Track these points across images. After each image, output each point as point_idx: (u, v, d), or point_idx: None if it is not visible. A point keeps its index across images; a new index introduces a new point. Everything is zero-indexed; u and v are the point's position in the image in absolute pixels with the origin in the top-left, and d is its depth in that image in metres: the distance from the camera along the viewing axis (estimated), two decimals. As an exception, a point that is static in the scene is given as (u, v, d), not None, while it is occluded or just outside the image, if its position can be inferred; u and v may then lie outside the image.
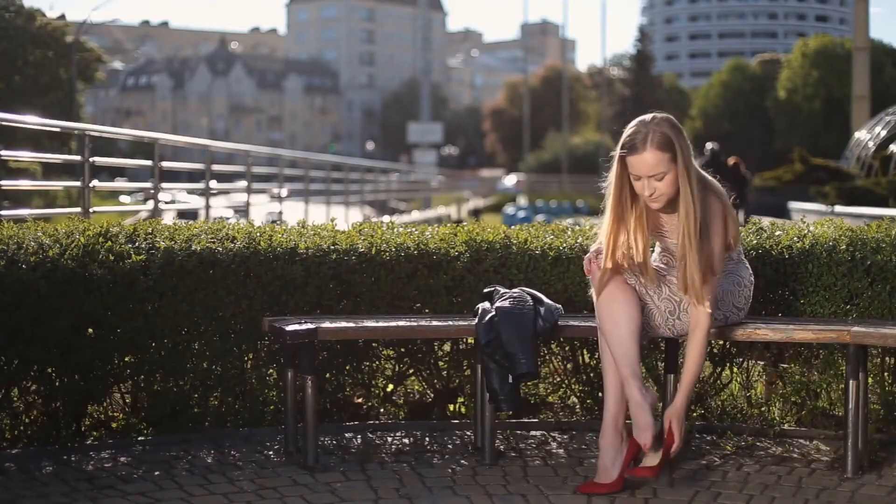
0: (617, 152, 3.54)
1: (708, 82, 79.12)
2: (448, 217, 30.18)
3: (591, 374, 4.42)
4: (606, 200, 3.60)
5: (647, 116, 3.53)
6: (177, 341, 4.12)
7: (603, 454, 3.53)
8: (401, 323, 3.94)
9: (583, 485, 3.54)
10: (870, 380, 4.10)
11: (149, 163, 8.08)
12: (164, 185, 8.58)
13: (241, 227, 4.40)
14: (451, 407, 4.52)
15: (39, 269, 3.81)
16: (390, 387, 4.53)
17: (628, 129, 3.52)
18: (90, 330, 3.98)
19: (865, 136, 22.91)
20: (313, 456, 3.76)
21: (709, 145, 17.17)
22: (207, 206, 9.82)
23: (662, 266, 3.68)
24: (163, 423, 4.15)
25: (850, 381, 3.63)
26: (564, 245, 4.36)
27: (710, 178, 3.58)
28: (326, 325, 3.80)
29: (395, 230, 4.47)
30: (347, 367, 4.37)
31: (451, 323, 3.94)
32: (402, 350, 4.43)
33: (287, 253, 4.20)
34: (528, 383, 4.44)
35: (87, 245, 3.98)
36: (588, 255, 3.67)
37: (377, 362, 4.44)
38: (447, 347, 4.48)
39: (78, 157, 6.91)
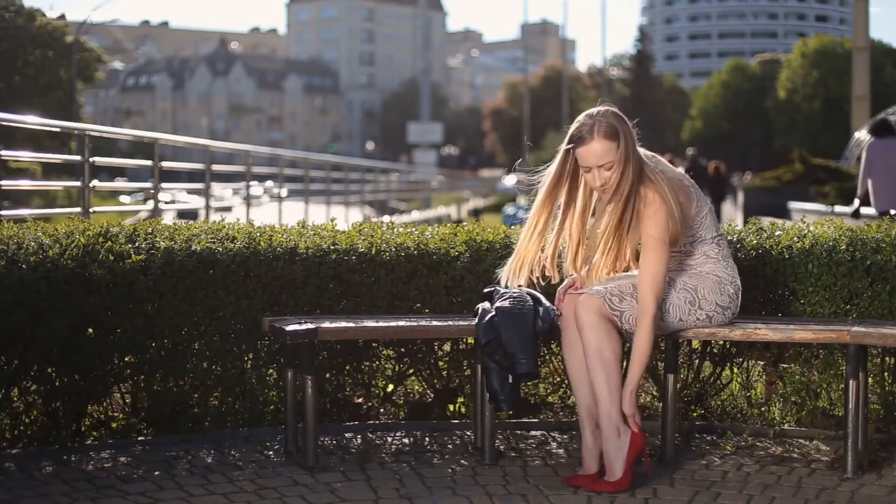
0: (563, 146, 3.65)
1: (708, 82, 79.22)
2: (448, 217, 30.17)
3: (591, 374, 4.42)
4: (539, 190, 3.72)
5: (593, 110, 3.64)
6: (177, 341, 4.12)
7: (606, 453, 3.53)
8: (401, 323, 3.94)
9: (592, 483, 3.53)
10: (870, 380, 4.10)
11: (149, 163, 8.08)
12: (164, 185, 8.57)
13: (241, 227, 4.40)
14: (451, 407, 4.52)
15: (39, 269, 3.81)
16: (390, 387, 4.53)
17: (574, 124, 3.63)
18: (90, 330, 3.98)
19: (865, 136, 22.90)
20: (313, 456, 3.76)
21: (689, 151, 19.61)
22: (207, 206, 9.82)
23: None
24: (163, 423, 4.15)
25: (850, 381, 3.63)
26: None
27: (657, 164, 3.63)
28: (326, 325, 3.80)
29: (395, 230, 4.47)
30: (347, 367, 4.37)
31: (451, 323, 3.94)
32: (402, 350, 4.43)
33: (287, 253, 4.20)
34: (528, 383, 4.44)
35: (87, 245, 3.98)
36: (560, 287, 3.77)
37: (377, 362, 4.44)
38: (447, 347, 4.48)
39: (78, 157, 6.91)
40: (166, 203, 22.17)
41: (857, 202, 10.29)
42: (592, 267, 3.71)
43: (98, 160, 7.01)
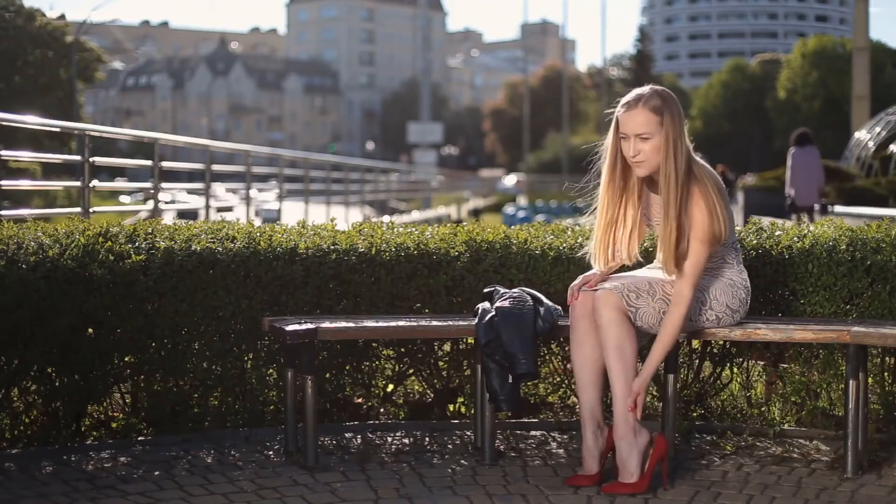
0: (615, 113, 3.65)
1: (708, 82, 79.24)
2: (448, 217, 30.17)
3: (591, 374, 4.42)
4: (602, 166, 3.70)
5: (649, 86, 3.66)
6: (177, 341, 4.12)
7: (619, 452, 3.52)
8: (401, 323, 3.94)
9: (608, 484, 3.52)
10: (870, 380, 4.10)
11: (149, 163, 8.08)
12: (164, 185, 8.57)
13: (241, 227, 4.40)
14: (451, 407, 4.52)
15: (39, 269, 3.81)
16: (390, 387, 4.53)
17: (628, 94, 3.65)
18: (90, 330, 3.98)
19: (865, 136, 22.88)
20: (313, 456, 3.77)
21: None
22: (207, 206, 9.82)
23: (659, 266, 3.69)
24: (163, 423, 4.15)
25: (850, 381, 3.63)
26: (564, 245, 4.36)
27: (703, 166, 3.60)
28: (326, 325, 3.80)
29: (395, 230, 4.47)
30: (347, 367, 4.37)
31: (451, 323, 3.94)
32: (402, 350, 4.43)
33: (287, 253, 4.20)
34: (528, 383, 4.44)
35: (87, 245, 3.98)
36: (573, 283, 3.72)
37: (377, 362, 4.44)
38: (447, 347, 4.48)
39: (78, 157, 6.91)
40: (166, 203, 22.17)
41: (788, 200, 12.70)
42: (666, 254, 3.58)
43: (98, 160, 7.00)
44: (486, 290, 4.01)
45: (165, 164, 8.58)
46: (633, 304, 3.59)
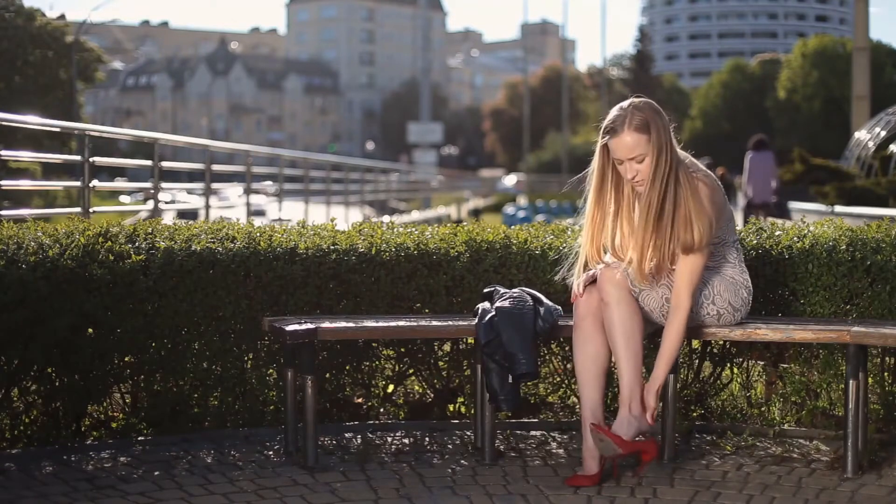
0: (599, 140, 3.63)
1: (708, 82, 79.23)
2: (448, 217, 30.17)
3: (591, 374, 4.42)
4: (588, 189, 3.70)
5: (626, 101, 3.63)
6: (177, 341, 4.12)
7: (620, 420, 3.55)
8: (401, 323, 3.94)
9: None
10: (870, 380, 4.10)
11: (149, 163, 8.07)
12: (164, 185, 8.57)
13: (241, 227, 4.40)
14: (451, 407, 4.52)
15: (39, 269, 3.81)
16: (390, 387, 4.53)
17: (608, 116, 3.62)
18: (90, 330, 3.98)
19: (865, 136, 22.86)
20: (313, 456, 3.77)
21: (705, 160, 21.38)
22: (207, 206, 9.82)
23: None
24: (163, 423, 4.15)
25: (850, 381, 3.63)
26: (564, 245, 4.36)
27: (690, 169, 3.60)
28: (326, 325, 3.80)
29: (395, 230, 4.47)
30: (347, 367, 4.37)
31: (451, 323, 3.94)
32: (402, 350, 4.43)
33: (287, 253, 4.20)
34: (528, 383, 4.44)
35: (87, 245, 3.98)
36: (579, 280, 3.72)
37: (377, 362, 4.44)
38: (447, 347, 4.48)
39: (78, 157, 6.91)
40: (166, 203, 22.16)
41: (744, 199, 14.31)
42: (634, 266, 3.61)
43: (98, 160, 7.00)
44: (486, 290, 4.01)
45: (165, 164, 8.58)
46: (636, 286, 3.60)
